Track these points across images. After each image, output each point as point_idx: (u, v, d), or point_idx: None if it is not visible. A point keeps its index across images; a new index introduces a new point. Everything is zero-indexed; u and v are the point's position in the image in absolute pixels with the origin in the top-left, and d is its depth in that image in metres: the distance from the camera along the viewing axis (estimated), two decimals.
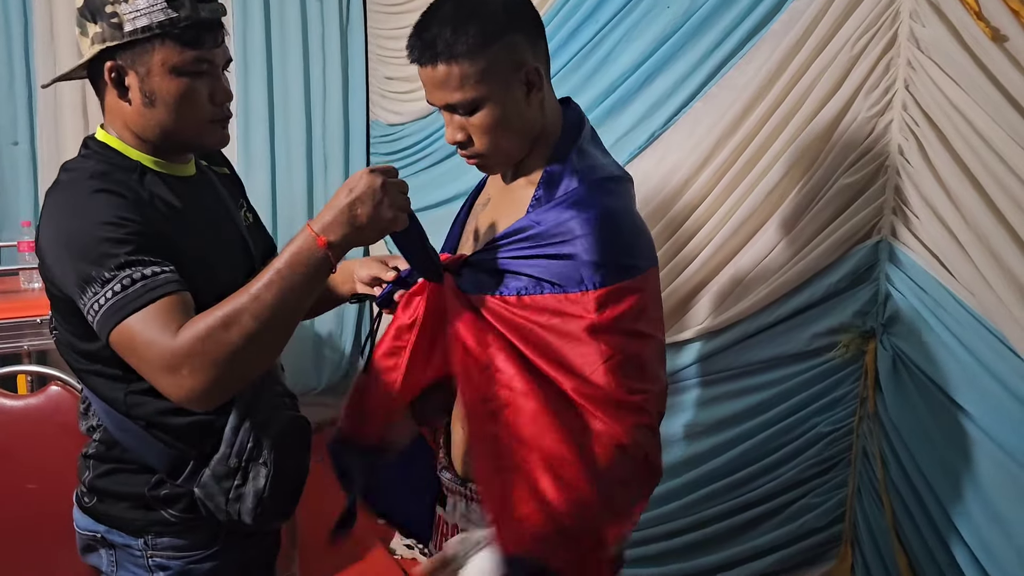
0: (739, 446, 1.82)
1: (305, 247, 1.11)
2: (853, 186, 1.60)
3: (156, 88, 1.20)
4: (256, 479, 1.28)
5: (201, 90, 1.23)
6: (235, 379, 1.12)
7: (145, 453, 1.29)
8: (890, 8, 1.51)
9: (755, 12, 1.73)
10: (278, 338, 1.13)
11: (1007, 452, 1.40)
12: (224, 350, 1.07)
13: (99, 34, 1.19)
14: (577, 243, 1.14)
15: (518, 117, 1.20)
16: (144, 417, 1.27)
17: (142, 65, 1.19)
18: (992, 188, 1.37)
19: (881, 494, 1.62)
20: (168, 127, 1.23)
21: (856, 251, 1.62)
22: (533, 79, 1.18)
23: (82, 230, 1.15)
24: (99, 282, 1.11)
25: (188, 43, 1.19)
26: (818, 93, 1.63)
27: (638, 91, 2.02)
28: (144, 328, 1.09)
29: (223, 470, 1.27)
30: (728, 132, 1.79)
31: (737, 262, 1.81)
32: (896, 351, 1.58)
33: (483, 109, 1.17)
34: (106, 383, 1.27)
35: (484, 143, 1.20)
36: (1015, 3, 1.30)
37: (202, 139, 1.28)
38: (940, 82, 1.43)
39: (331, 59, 3.72)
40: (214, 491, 1.27)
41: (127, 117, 1.24)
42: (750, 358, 1.79)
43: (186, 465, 1.28)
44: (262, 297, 1.08)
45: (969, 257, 1.41)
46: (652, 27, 1.97)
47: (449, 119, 1.21)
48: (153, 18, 1.17)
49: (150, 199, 1.23)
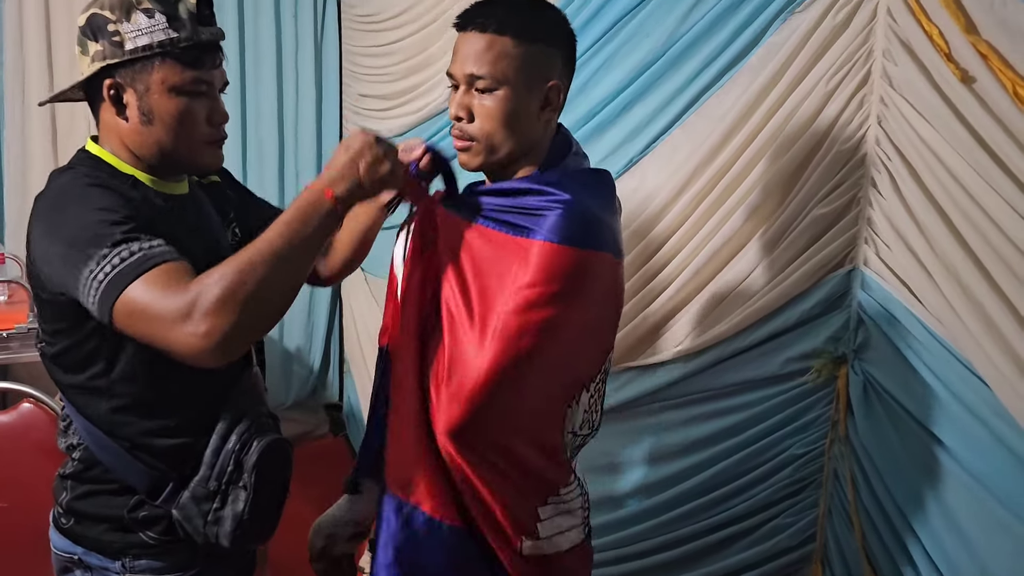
0: (712, 467, 1.86)
1: (312, 199, 1.13)
2: (827, 216, 1.65)
3: (154, 106, 1.22)
4: (235, 502, 1.27)
5: (199, 110, 1.25)
6: (251, 326, 1.09)
7: (125, 473, 1.29)
8: (864, 47, 1.57)
9: (733, 45, 1.78)
10: (290, 287, 1.13)
11: (973, 475, 1.45)
12: (240, 294, 1.05)
13: (100, 52, 1.21)
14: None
15: (524, 120, 1.25)
16: (128, 437, 1.27)
17: (141, 83, 1.21)
18: (960, 221, 1.42)
19: (851, 515, 1.67)
20: (165, 146, 1.25)
21: (829, 279, 1.67)
22: (553, 98, 1.24)
23: (75, 217, 1.15)
24: (96, 259, 1.10)
25: (188, 63, 1.22)
26: (794, 125, 1.68)
27: (616, 118, 2.06)
28: (150, 288, 1.08)
29: (202, 492, 1.27)
30: (706, 160, 1.83)
31: (713, 287, 1.86)
32: (867, 376, 1.63)
33: (500, 92, 1.22)
34: (90, 399, 1.27)
35: (483, 127, 1.24)
36: (983, 47, 1.36)
37: (197, 159, 1.30)
38: (911, 119, 1.49)
39: (304, 76, 3.74)
40: (192, 513, 1.27)
41: (123, 135, 1.26)
42: (724, 381, 1.84)
43: (166, 486, 1.28)
44: (274, 245, 1.09)
45: (938, 287, 1.46)
46: (632, 56, 2.02)
47: (462, 94, 1.25)
48: (154, 37, 1.20)
49: (141, 200, 1.24)
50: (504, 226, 1.24)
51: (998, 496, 1.41)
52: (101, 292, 1.09)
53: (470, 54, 1.22)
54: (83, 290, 1.11)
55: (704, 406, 1.87)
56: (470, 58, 1.22)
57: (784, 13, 1.69)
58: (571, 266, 1.19)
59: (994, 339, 1.37)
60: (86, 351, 1.24)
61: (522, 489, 1.27)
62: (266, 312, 1.11)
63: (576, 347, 1.26)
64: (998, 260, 1.37)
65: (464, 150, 1.27)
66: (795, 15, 1.67)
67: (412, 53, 3.05)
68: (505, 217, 1.25)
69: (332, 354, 4.11)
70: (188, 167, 1.32)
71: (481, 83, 1.21)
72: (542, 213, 1.20)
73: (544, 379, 1.24)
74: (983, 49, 1.36)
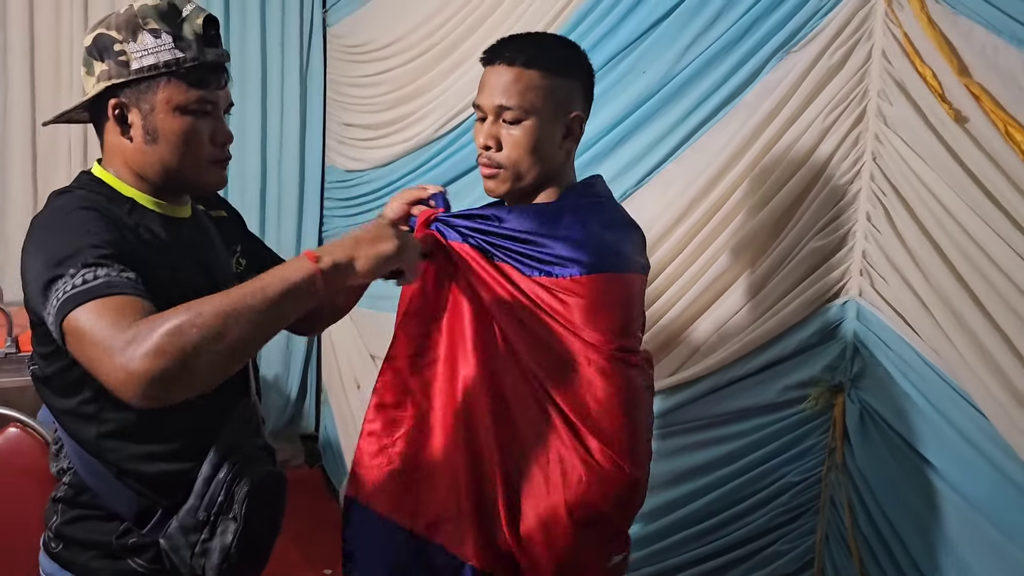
0: (711, 493, 1.88)
1: (295, 261, 1.09)
2: (823, 249, 1.70)
3: (159, 125, 1.23)
4: (224, 534, 1.24)
5: (203, 130, 1.26)
6: (184, 378, 0.99)
7: (113, 499, 1.26)
8: (859, 87, 1.63)
9: (729, 82, 1.83)
10: (239, 348, 1.02)
11: (969, 502, 1.49)
12: (182, 342, 0.97)
13: (105, 72, 1.21)
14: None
15: (548, 149, 1.31)
16: (115, 463, 1.25)
17: (146, 102, 1.22)
18: (954, 254, 1.48)
19: (849, 541, 1.70)
20: (169, 165, 1.25)
21: (825, 309, 1.71)
22: (574, 128, 1.30)
23: (58, 239, 1.14)
24: (64, 278, 1.07)
25: (193, 83, 1.23)
26: (790, 160, 1.73)
27: (612, 151, 2.10)
28: (100, 315, 1.02)
29: (191, 522, 1.25)
30: (701, 194, 1.88)
31: (709, 317, 1.90)
32: (863, 405, 1.67)
33: (527, 123, 1.29)
34: (79, 423, 1.25)
35: (511, 156, 1.30)
36: (976, 88, 1.43)
37: (201, 179, 1.29)
38: (906, 156, 1.55)
39: (289, 104, 3.75)
40: (179, 544, 1.25)
41: (127, 154, 1.26)
42: (722, 409, 1.87)
43: (153, 514, 1.26)
44: (235, 300, 1.02)
45: (933, 318, 1.51)
46: (627, 92, 2.07)
47: (490, 124, 1.31)
48: (160, 57, 1.20)
49: (135, 227, 1.23)
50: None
51: (994, 522, 1.45)
52: (56, 308, 1.06)
53: (499, 86, 1.28)
54: (47, 310, 1.09)
55: (701, 434, 1.90)
56: (499, 90, 1.28)
57: (780, 52, 1.75)
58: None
59: (989, 368, 1.42)
60: (75, 376, 1.21)
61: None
62: (205, 366, 1.00)
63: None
64: (991, 291, 1.42)
65: (491, 177, 1.33)
66: (791, 54, 1.73)
67: (400, 84, 3.08)
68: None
69: (309, 383, 4.08)
70: (192, 187, 1.32)
71: (509, 114, 1.28)
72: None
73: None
74: (976, 90, 1.42)
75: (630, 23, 2.05)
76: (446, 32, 2.80)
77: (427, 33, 2.91)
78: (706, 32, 1.87)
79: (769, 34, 1.76)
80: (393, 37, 3.12)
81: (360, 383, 3.38)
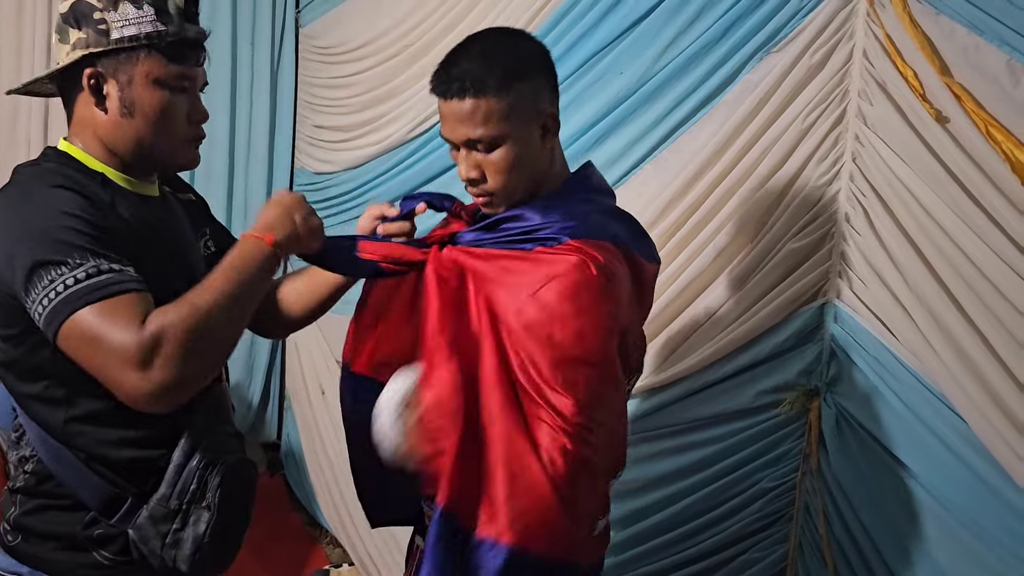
0: (681, 501, 1.85)
1: (254, 246, 1.17)
2: (801, 250, 1.68)
3: (136, 98, 1.19)
4: (196, 524, 1.21)
5: (180, 106, 1.23)
6: (202, 375, 1.10)
7: (80, 488, 1.21)
8: (840, 87, 1.61)
9: (708, 83, 1.81)
10: (237, 333, 1.15)
11: (946, 508, 1.47)
12: (199, 342, 1.06)
13: (83, 40, 1.17)
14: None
15: (532, 159, 1.25)
16: (84, 448, 1.20)
17: (124, 74, 1.19)
18: (934, 256, 1.46)
19: (823, 549, 1.67)
20: (144, 139, 1.21)
21: (802, 312, 1.69)
22: (550, 124, 1.24)
23: (41, 216, 1.09)
24: (58, 268, 1.05)
25: (173, 58, 1.20)
26: (769, 161, 1.71)
27: (587, 152, 2.07)
28: (107, 317, 1.04)
29: (161, 512, 1.20)
30: (678, 195, 1.85)
31: (683, 320, 1.86)
32: (840, 409, 1.65)
33: (503, 147, 1.22)
34: (46, 408, 1.19)
35: (498, 181, 1.24)
36: (958, 88, 1.42)
37: (175, 157, 1.27)
38: (886, 156, 1.53)
39: (259, 105, 3.69)
40: (149, 534, 1.20)
41: (100, 127, 1.22)
42: (695, 414, 1.83)
43: (122, 503, 1.21)
44: (224, 290, 1.10)
45: (912, 321, 1.49)
46: (604, 92, 2.04)
47: (465, 156, 1.24)
48: (142, 29, 1.18)
49: (111, 204, 1.19)
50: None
51: (972, 530, 1.43)
52: (53, 306, 1.04)
53: (459, 121, 1.21)
54: (33, 297, 1.06)
55: (673, 440, 1.86)
56: (460, 125, 1.21)
57: (760, 53, 1.73)
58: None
59: (969, 372, 1.40)
60: (41, 358, 1.17)
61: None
62: (215, 360, 1.13)
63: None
64: (971, 294, 1.41)
65: (485, 204, 1.28)
66: (771, 55, 1.71)
67: (373, 85, 3.03)
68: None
69: (272, 391, 3.99)
70: (164, 164, 1.29)
71: (481, 144, 1.21)
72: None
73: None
74: (957, 90, 1.41)
75: (608, 23, 2.03)
76: (420, 33, 2.77)
77: (401, 34, 2.87)
78: (685, 32, 1.85)
79: (749, 34, 1.74)
80: (367, 38, 3.08)
81: (325, 389, 3.31)
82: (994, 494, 1.39)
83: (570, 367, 1.16)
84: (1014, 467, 1.35)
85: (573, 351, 1.16)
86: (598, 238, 1.21)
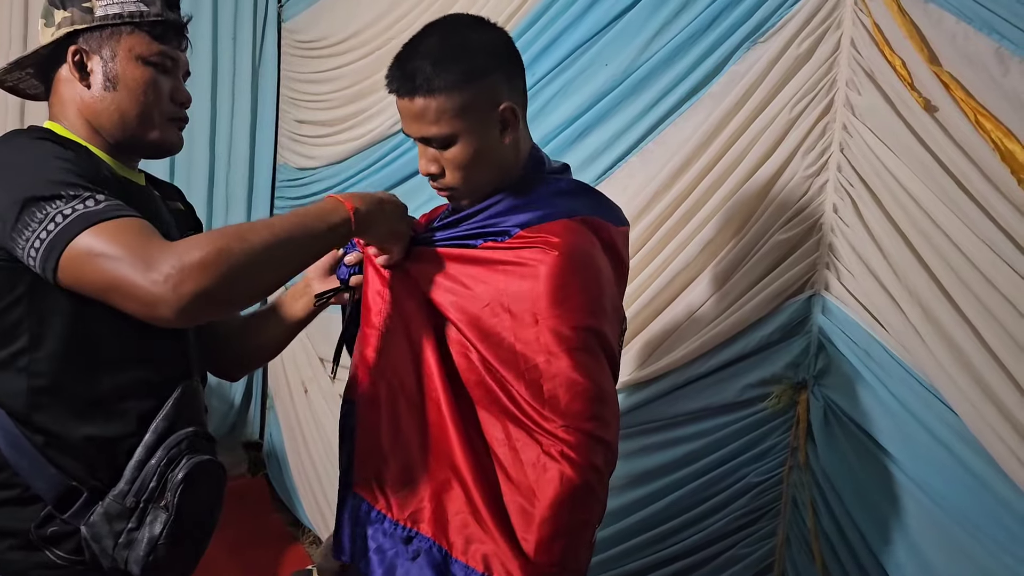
0: (667, 496, 1.82)
1: (332, 204, 1.15)
2: (788, 242, 1.66)
3: (120, 72, 1.21)
4: (153, 524, 1.15)
5: (163, 84, 1.24)
6: (226, 297, 1.03)
7: (34, 476, 1.14)
8: (827, 76, 1.60)
9: (694, 74, 1.79)
10: (276, 274, 1.08)
11: (936, 500, 1.45)
12: (226, 259, 1.00)
13: (68, 18, 1.20)
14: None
15: (491, 153, 1.22)
16: (43, 427, 1.14)
17: (108, 49, 1.20)
18: (922, 246, 1.45)
19: (811, 543, 1.65)
20: (127, 113, 1.21)
21: (790, 304, 1.67)
22: (508, 118, 1.21)
23: (31, 159, 1.08)
24: (56, 201, 1.03)
25: (156, 37, 1.22)
26: (756, 153, 1.69)
27: (572, 144, 2.05)
28: (119, 233, 1.01)
29: (117, 509, 1.15)
30: (664, 187, 1.83)
31: (670, 313, 1.84)
32: (828, 402, 1.63)
33: (457, 144, 1.20)
34: (7, 377, 1.13)
35: (456, 177, 1.23)
36: (946, 76, 1.40)
37: (159, 135, 1.25)
38: (874, 146, 1.52)
39: (240, 100, 3.64)
40: (102, 532, 1.15)
41: (83, 103, 1.22)
42: (681, 408, 1.81)
43: (78, 496, 1.15)
44: (275, 228, 1.07)
45: (901, 311, 1.47)
46: (589, 84, 2.02)
47: (423, 151, 1.23)
48: (125, 8, 1.20)
49: (107, 174, 1.17)
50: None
51: (961, 521, 1.41)
52: (57, 231, 1.01)
53: (412, 119, 1.19)
54: (28, 236, 1.02)
55: (659, 435, 1.84)
56: (413, 123, 1.19)
57: (747, 43, 1.71)
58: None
59: (958, 363, 1.38)
60: (9, 322, 1.12)
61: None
62: (244, 289, 1.05)
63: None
64: (961, 285, 1.39)
65: (450, 198, 1.27)
66: (758, 45, 1.69)
67: (356, 80, 3.00)
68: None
69: (254, 389, 3.94)
70: (147, 144, 1.26)
71: (435, 142, 1.20)
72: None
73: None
74: (946, 79, 1.40)
75: (593, 15, 2.01)
76: (402, 27, 2.74)
77: (383, 28, 2.84)
78: (671, 23, 1.84)
79: (735, 24, 1.73)
80: (348, 32, 3.04)
81: (308, 387, 3.27)
82: (983, 486, 1.38)
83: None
84: (1004, 459, 1.33)
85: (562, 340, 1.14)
86: (553, 219, 1.19)
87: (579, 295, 1.16)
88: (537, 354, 1.14)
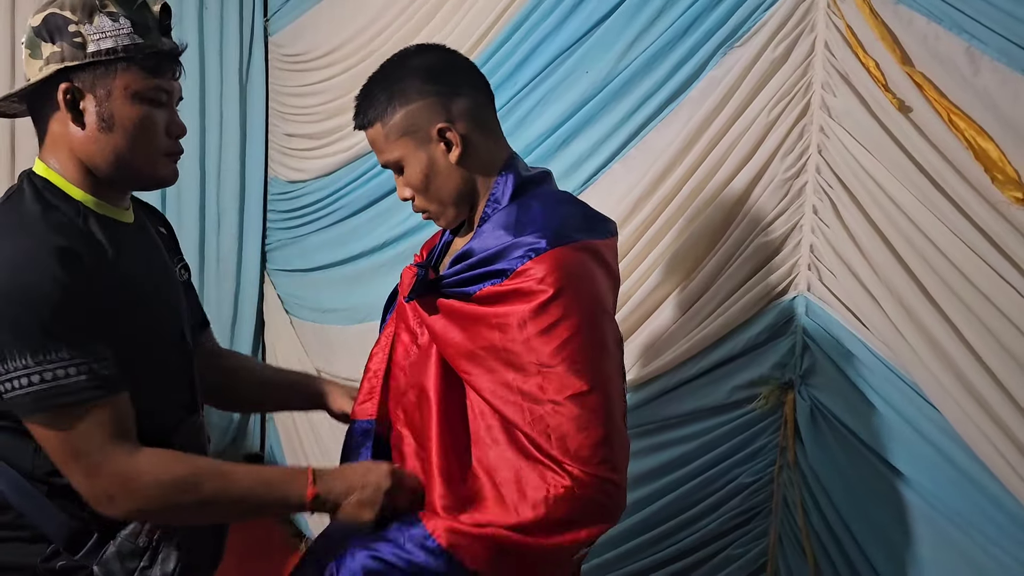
0: (659, 500, 1.83)
1: (298, 480, 1.19)
2: (770, 244, 1.67)
3: (116, 112, 1.16)
4: (165, 562, 1.18)
5: (159, 120, 1.21)
6: (165, 520, 1.18)
7: (43, 521, 1.17)
8: (803, 79, 1.61)
9: (673, 80, 1.81)
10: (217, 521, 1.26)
11: (923, 496, 1.47)
12: (176, 500, 1.13)
13: (57, 54, 1.14)
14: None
15: (440, 176, 1.26)
16: (48, 479, 1.16)
17: (102, 88, 1.15)
18: (901, 245, 1.46)
19: (803, 542, 1.66)
20: (123, 154, 1.18)
21: (774, 306, 1.68)
22: (450, 138, 1.23)
23: (32, 286, 1.07)
24: (32, 354, 1.06)
25: (151, 71, 1.18)
26: (736, 156, 1.71)
27: (555, 153, 2.07)
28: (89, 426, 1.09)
29: (129, 548, 1.17)
30: (647, 193, 1.84)
31: (656, 318, 1.86)
32: (814, 402, 1.64)
33: (407, 168, 1.26)
34: (12, 439, 1.15)
35: (421, 200, 1.29)
36: (919, 77, 1.41)
37: (155, 171, 1.24)
38: (851, 147, 1.53)
39: (229, 115, 3.65)
40: (115, 570, 1.16)
41: (76, 144, 1.18)
42: (670, 412, 1.83)
43: (88, 538, 1.17)
44: (233, 486, 1.16)
45: (882, 310, 1.49)
46: (570, 92, 2.04)
47: (396, 178, 1.30)
48: (119, 41, 1.15)
49: (96, 247, 1.17)
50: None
51: (949, 516, 1.43)
52: (30, 395, 1.07)
53: (371, 148, 1.29)
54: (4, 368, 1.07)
55: (649, 439, 1.85)
56: (375, 153, 1.29)
57: (723, 48, 1.73)
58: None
59: (939, 360, 1.40)
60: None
61: None
62: (178, 521, 1.19)
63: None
64: (940, 282, 1.41)
65: (430, 219, 1.32)
66: (735, 49, 1.71)
67: (341, 92, 3.01)
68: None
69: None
70: (144, 180, 1.25)
71: (393, 168, 1.28)
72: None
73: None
74: (919, 79, 1.41)
75: (572, 23, 2.02)
76: (385, 39, 2.75)
77: (367, 40, 2.86)
78: (648, 29, 1.85)
79: (711, 29, 1.74)
80: (333, 45, 3.06)
81: None
82: (969, 480, 1.39)
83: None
84: (988, 455, 1.34)
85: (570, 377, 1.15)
86: (553, 246, 1.17)
87: (579, 336, 1.15)
88: (542, 404, 1.14)
